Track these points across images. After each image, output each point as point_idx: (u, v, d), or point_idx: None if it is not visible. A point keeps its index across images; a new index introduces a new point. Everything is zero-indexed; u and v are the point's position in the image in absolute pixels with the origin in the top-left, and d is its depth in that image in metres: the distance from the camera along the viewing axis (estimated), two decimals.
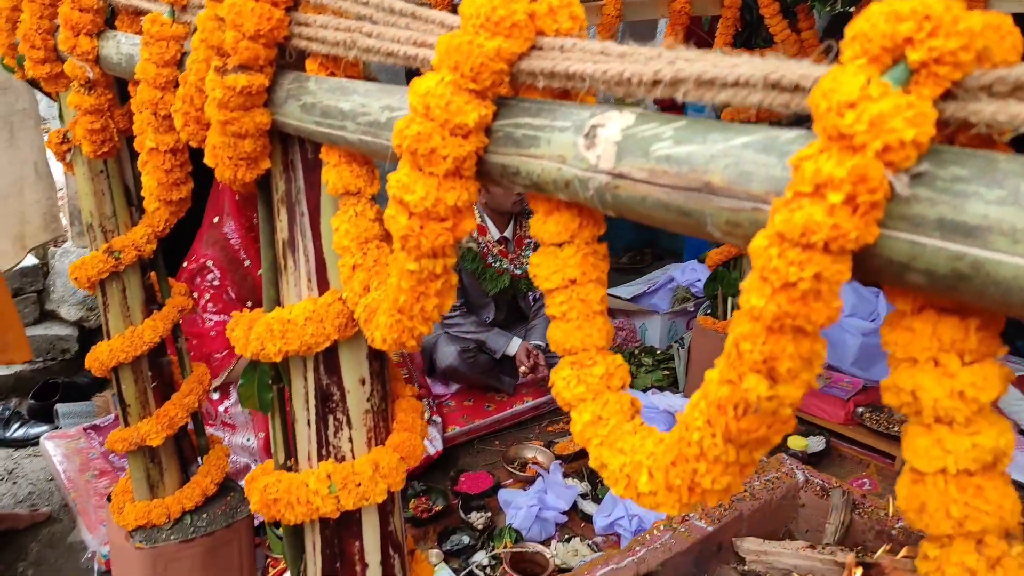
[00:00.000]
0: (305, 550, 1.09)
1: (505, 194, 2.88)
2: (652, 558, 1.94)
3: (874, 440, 2.71)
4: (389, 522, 1.07)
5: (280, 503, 1.01)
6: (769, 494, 2.20)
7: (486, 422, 2.89)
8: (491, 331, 3.01)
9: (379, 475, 1.01)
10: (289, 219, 0.99)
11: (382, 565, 1.07)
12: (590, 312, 0.72)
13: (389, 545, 1.08)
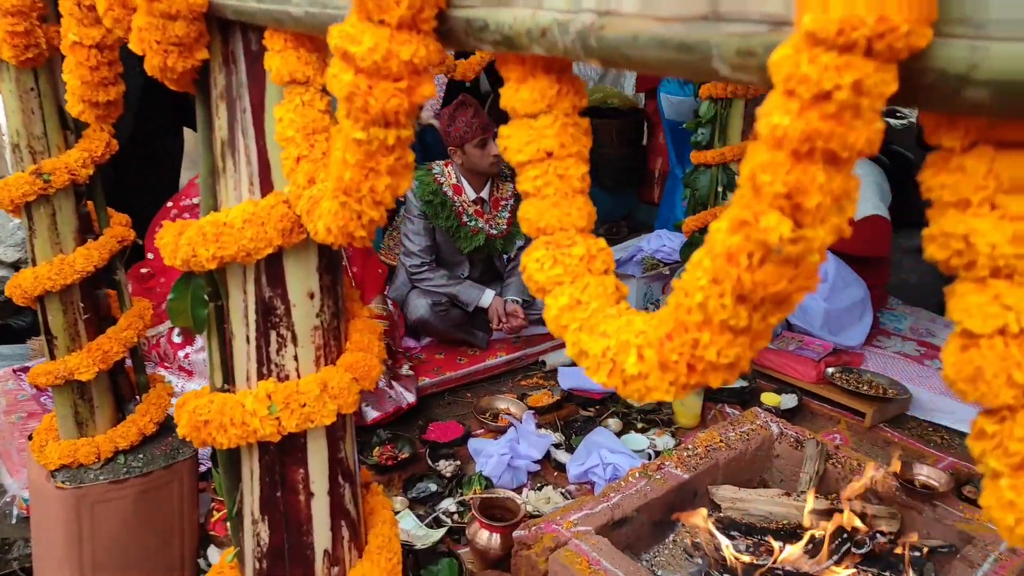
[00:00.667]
0: (242, 479, 1.02)
1: (481, 154, 2.85)
2: (627, 504, 1.92)
3: (844, 398, 2.74)
4: (339, 448, 1.02)
5: (211, 425, 0.94)
6: (744, 444, 2.20)
7: (458, 374, 2.85)
8: (463, 283, 2.97)
9: (328, 395, 0.94)
10: (229, 116, 0.91)
11: (330, 495, 1.01)
12: (569, 189, 0.67)
13: (339, 473, 1.02)
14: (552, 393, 2.72)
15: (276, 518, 0.99)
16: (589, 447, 2.28)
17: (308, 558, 1.01)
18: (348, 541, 1.04)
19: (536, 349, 3.06)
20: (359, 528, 1.07)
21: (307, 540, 0.99)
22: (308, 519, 0.99)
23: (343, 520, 1.03)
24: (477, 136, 2.83)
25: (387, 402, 2.61)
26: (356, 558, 1.04)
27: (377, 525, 1.05)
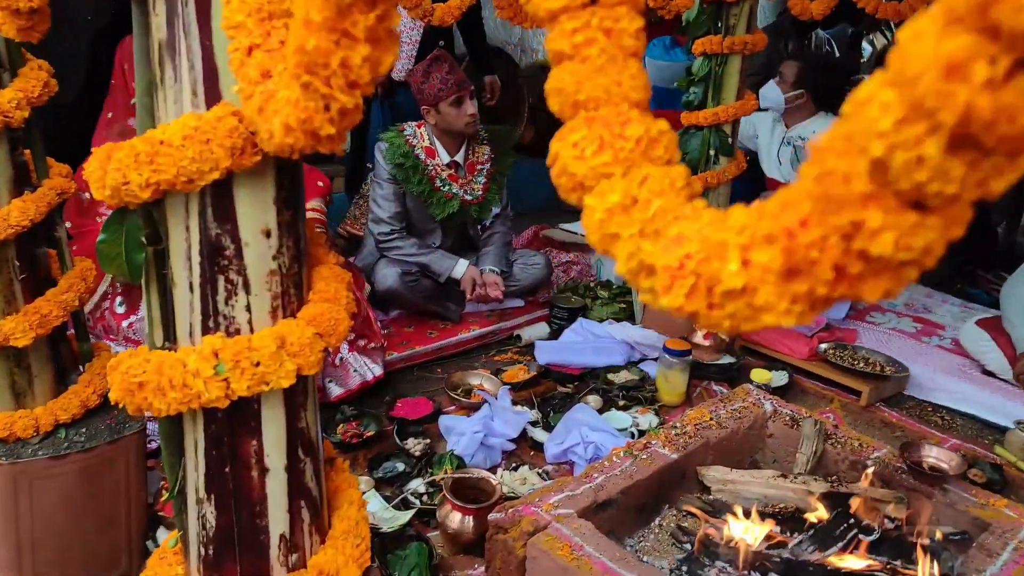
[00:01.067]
0: (185, 452, 0.87)
1: (457, 113, 2.68)
2: (611, 485, 1.78)
3: (839, 376, 2.62)
4: (299, 417, 0.86)
5: (147, 388, 0.78)
6: (736, 423, 2.06)
7: (428, 348, 2.68)
8: (435, 252, 2.80)
9: (286, 353, 0.78)
10: (168, 11, 0.74)
11: (288, 471, 0.85)
12: (619, 50, 0.50)
13: (298, 446, 0.86)
14: (528, 368, 2.56)
15: (224, 497, 0.84)
16: (569, 425, 2.13)
17: (262, 544, 0.86)
18: (309, 525, 0.90)
19: (511, 323, 2.90)
20: (321, 510, 0.92)
21: (261, 523, 0.84)
22: (262, 499, 0.84)
23: (303, 500, 0.89)
24: (452, 94, 2.65)
25: (351, 377, 2.44)
26: (318, 544, 0.89)
27: (343, 506, 0.90)
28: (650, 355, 2.64)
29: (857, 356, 2.69)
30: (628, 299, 2.98)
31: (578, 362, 2.55)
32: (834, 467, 1.98)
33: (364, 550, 0.85)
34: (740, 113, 2.63)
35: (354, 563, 0.84)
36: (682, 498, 1.92)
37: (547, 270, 2.99)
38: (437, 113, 2.71)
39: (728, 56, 2.61)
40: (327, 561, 0.84)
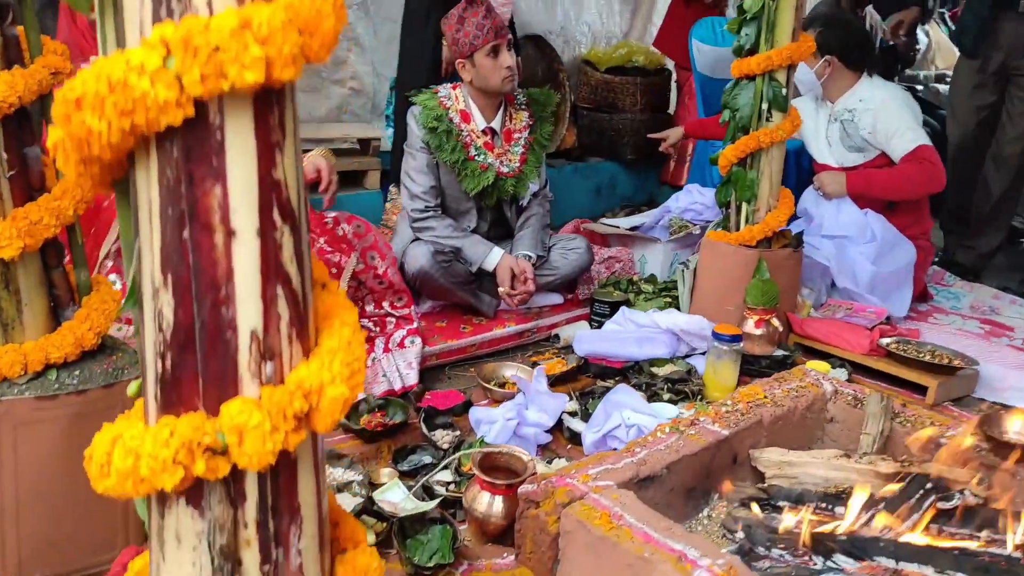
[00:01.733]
0: (140, 228, 0.73)
1: (493, 65, 2.58)
2: (655, 459, 1.66)
3: (902, 370, 2.45)
4: (274, 162, 0.70)
5: (85, 104, 0.65)
6: (793, 402, 1.93)
7: (460, 343, 2.59)
8: (470, 237, 2.71)
9: (251, 35, 0.64)
10: None
11: (261, 238, 0.70)
12: None
13: (273, 205, 0.70)
14: (566, 361, 2.45)
15: (183, 277, 0.70)
16: (608, 408, 2.01)
17: (228, 344, 0.71)
18: (288, 325, 0.74)
19: (549, 321, 2.80)
20: (305, 313, 0.77)
21: (227, 313, 0.70)
22: (228, 275, 0.69)
23: (280, 286, 0.73)
24: (489, 41, 2.55)
25: (378, 382, 2.35)
26: (300, 356, 0.76)
27: (334, 326, 0.77)
28: (698, 348, 2.51)
29: (923, 350, 2.52)
30: (674, 293, 2.86)
31: (620, 354, 2.44)
32: (903, 449, 1.82)
33: (356, 372, 0.74)
34: (796, 56, 2.43)
35: (343, 382, 0.72)
36: (735, 486, 1.78)
37: (588, 255, 2.87)
38: (472, 67, 2.61)
39: None
40: (310, 376, 0.72)
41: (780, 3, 2.46)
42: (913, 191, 2.91)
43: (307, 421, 0.76)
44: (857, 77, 3.01)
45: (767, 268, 2.51)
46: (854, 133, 2.98)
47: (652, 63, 4.42)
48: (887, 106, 2.90)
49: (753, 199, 2.63)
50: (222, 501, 0.77)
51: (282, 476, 0.79)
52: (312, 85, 3.72)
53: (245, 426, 0.72)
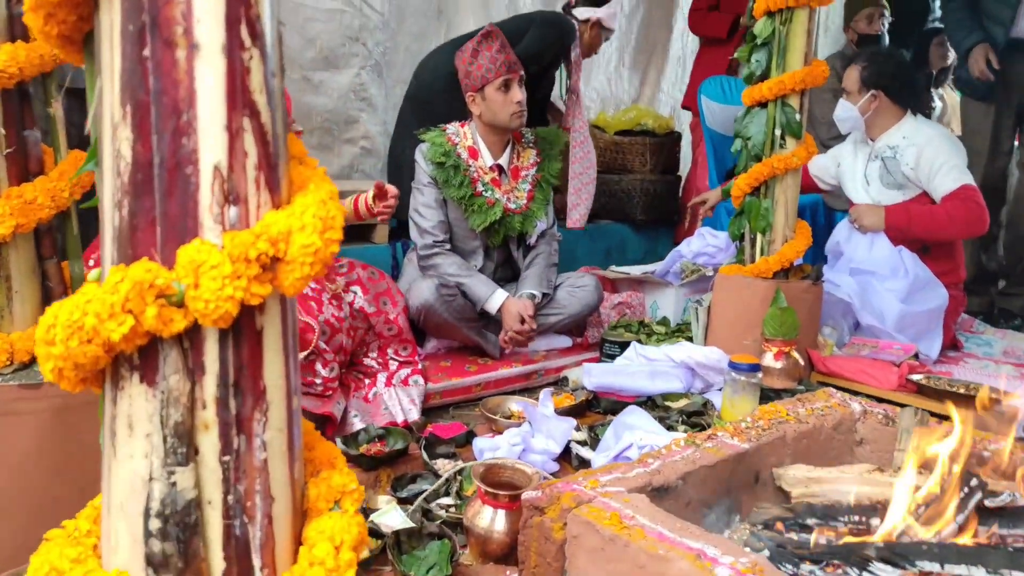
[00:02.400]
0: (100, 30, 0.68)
1: (504, 100, 2.60)
2: (669, 469, 1.55)
3: (937, 406, 2.33)
4: None
5: None
6: (819, 420, 1.82)
7: (465, 382, 2.51)
8: (474, 276, 2.67)
9: None
10: None
11: (227, 55, 0.66)
12: None
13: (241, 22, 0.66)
14: (575, 396, 2.36)
15: (142, 103, 0.65)
16: (619, 430, 1.91)
17: (188, 180, 0.65)
18: (256, 167, 0.68)
19: (557, 363, 2.72)
20: (276, 158, 0.70)
21: (187, 144, 0.64)
22: (190, 97, 0.64)
23: (248, 117, 0.67)
24: (501, 75, 2.58)
25: (380, 416, 2.28)
26: (268, 205, 0.69)
27: (309, 190, 0.70)
28: (714, 383, 2.41)
29: (956, 383, 2.41)
30: (687, 335, 2.78)
31: (632, 388, 2.34)
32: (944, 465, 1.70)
33: (330, 228, 0.67)
34: (809, 81, 2.42)
35: (315, 233, 0.65)
36: (756, 507, 1.66)
37: (597, 293, 2.81)
38: (483, 100, 2.63)
39: (794, 11, 2.41)
40: (278, 221, 0.65)
41: (791, 28, 2.47)
42: (955, 231, 2.83)
43: (274, 276, 0.69)
44: (902, 114, 2.96)
45: (784, 298, 2.44)
46: (895, 170, 2.91)
47: (661, 127, 4.48)
48: (932, 143, 2.84)
49: (768, 229, 2.58)
50: (178, 371, 0.69)
51: (246, 347, 0.71)
52: (324, 143, 3.80)
53: (202, 266, 0.65)
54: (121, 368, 0.69)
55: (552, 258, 2.83)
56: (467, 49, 2.66)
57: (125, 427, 0.70)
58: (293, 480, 0.76)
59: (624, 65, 5.07)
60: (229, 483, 0.71)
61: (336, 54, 3.67)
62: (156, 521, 0.68)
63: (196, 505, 0.69)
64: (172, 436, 0.68)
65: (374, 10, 3.75)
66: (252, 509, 0.71)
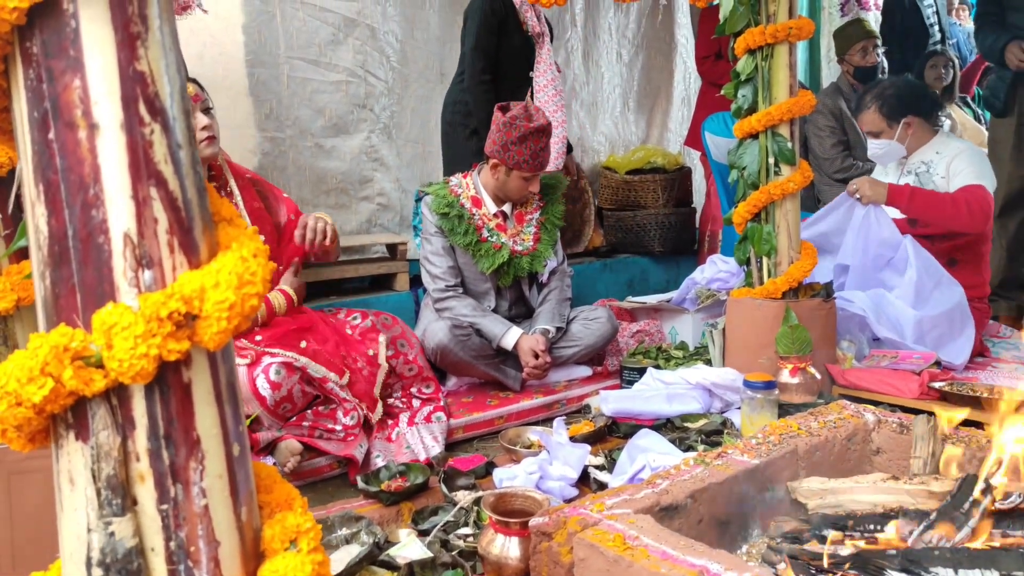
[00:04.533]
0: (14, 120, 0.72)
1: (520, 187, 2.65)
2: (678, 489, 1.50)
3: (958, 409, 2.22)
4: (134, 51, 0.68)
5: None
6: (831, 432, 1.75)
7: (487, 416, 2.48)
8: (488, 316, 2.67)
9: None
10: None
11: (126, 132, 0.68)
12: None
13: (137, 97, 0.68)
14: (594, 422, 2.31)
15: (52, 181, 0.67)
16: (633, 453, 1.87)
17: (101, 249, 0.67)
18: (168, 232, 0.69)
19: (579, 392, 2.68)
20: (189, 222, 0.71)
21: (96, 215, 0.66)
22: (95, 172, 0.65)
23: (155, 186, 0.68)
24: (534, 171, 2.62)
25: (402, 454, 2.26)
26: (184, 265, 0.70)
27: (231, 248, 0.70)
28: (733, 403, 2.35)
29: (979, 388, 2.30)
30: (706, 356, 2.72)
31: (649, 411, 2.29)
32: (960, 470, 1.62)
33: (249, 283, 0.66)
34: (796, 111, 2.43)
35: (231, 289, 0.64)
36: (775, 521, 1.59)
37: (611, 324, 2.78)
38: (505, 175, 2.65)
39: (774, 47, 2.44)
40: (192, 280, 0.65)
41: (773, 63, 2.49)
42: (956, 216, 2.74)
43: (193, 332, 0.70)
44: (934, 132, 2.97)
45: (795, 316, 2.38)
46: (927, 183, 2.89)
47: (670, 163, 4.48)
48: (962, 155, 2.85)
49: (773, 252, 2.54)
50: (107, 427, 0.70)
51: (174, 400, 0.72)
52: (341, 203, 3.87)
53: (114, 327, 0.66)
54: (60, 427, 0.71)
55: (565, 293, 2.82)
56: (515, 129, 2.58)
57: (67, 482, 0.71)
58: (241, 523, 0.76)
59: (629, 109, 5.10)
60: (170, 530, 0.71)
61: (345, 121, 3.76)
62: (98, 570, 0.69)
63: (138, 552, 0.69)
64: (106, 489, 0.69)
65: (378, 79, 3.84)
66: (197, 554, 0.71)
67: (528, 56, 3.37)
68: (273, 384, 2.10)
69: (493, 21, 3.30)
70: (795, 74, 2.51)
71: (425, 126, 4.11)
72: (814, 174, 2.87)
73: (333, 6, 3.66)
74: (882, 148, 2.95)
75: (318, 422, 2.20)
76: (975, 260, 2.87)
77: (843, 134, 4.00)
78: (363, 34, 3.77)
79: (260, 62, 3.47)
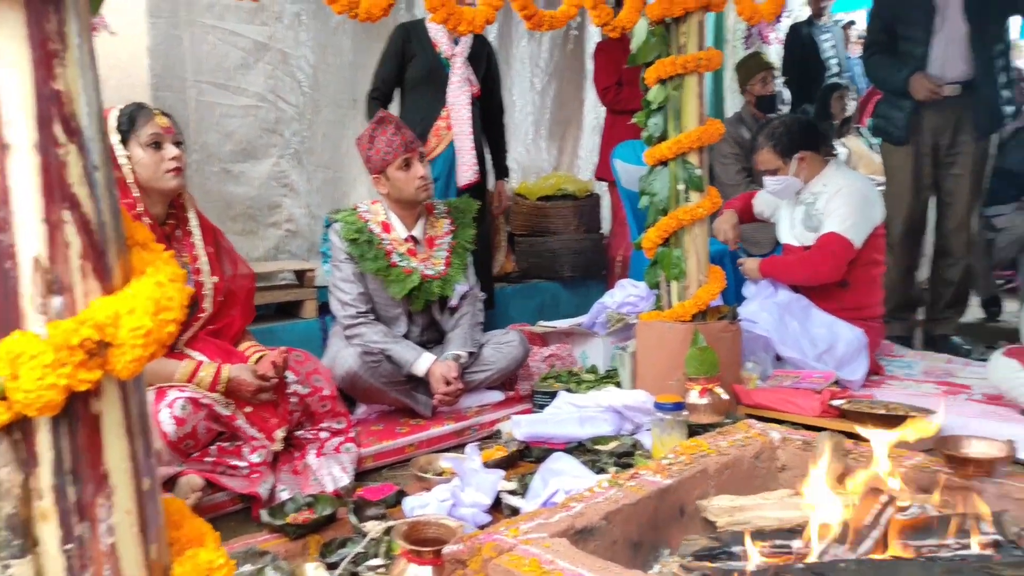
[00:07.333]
0: None
1: (406, 177, 2.60)
2: (592, 511, 1.49)
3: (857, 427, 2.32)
4: (50, 69, 0.64)
5: None
6: (739, 451, 1.78)
7: (397, 443, 2.41)
8: (399, 342, 2.61)
9: None
10: None
11: (40, 152, 0.64)
12: None
13: (52, 115, 0.65)
14: (507, 447, 2.28)
15: None
16: (546, 476, 1.85)
17: (7, 274, 0.63)
18: (81, 256, 0.66)
19: (491, 417, 2.64)
20: (104, 246, 0.68)
21: (3, 240, 0.62)
22: (3, 195, 0.62)
23: (68, 209, 0.65)
24: (400, 155, 2.59)
25: (309, 487, 2.16)
26: (99, 293, 0.65)
27: (147, 273, 0.66)
28: (643, 424, 2.37)
29: (876, 405, 2.41)
30: (616, 379, 2.75)
31: (562, 435, 2.28)
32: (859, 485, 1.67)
33: (166, 309, 0.62)
34: (706, 139, 2.51)
35: (147, 315, 0.60)
36: (685, 539, 1.60)
37: (523, 348, 2.77)
38: (387, 180, 2.63)
39: (684, 77, 2.52)
40: (105, 307, 0.60)
41: (683, 93, 2.58)
42: (805, 276, 2.96)
43: (105, 360, 0.65)
44: (824, 164, 3.09)
45: (703, 338, 2.43)
46: (813, 214, 3.01)
47: (581, 190, 4.56)
48: (841, 192, 2.96)
49: (682, 276, 2.60)
50: (8, 463, 0.65)
51: (82, 433, 0.67)
52: (248, 229, 3.74)
53: (21, 357, 0.61)
54: None
55: (477, 317, 2.79)
56: (364, 136, 2.66)
57: None
58: (150, 561, 0.70)
59: (541, 136, 5.17)
60: (73, 571, 0.66)
61: (254, 145, 3.65)
62: None
63: None
64: (5, 529, 0.64)
65: (289, 104, 3.76)
66: None
67: (441, 77, 3.38)
68: (178, 419, 1.98)
69: (399, 44, 3.39)
70: (704, 103, 2.60)
71: (336, 151, 4.03)
72: None
73: (244, 30, 3.56)
74: (779, 184, 3.08)
75: (222, 458, 2.09)
76: (867, 282, 3.02)
77: (746, 161, 4.16)
78: (274, 58, 3.69)
79: (166, 85, 3.33)
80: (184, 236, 2.29)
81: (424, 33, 3.36)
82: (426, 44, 3.37)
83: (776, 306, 2.91)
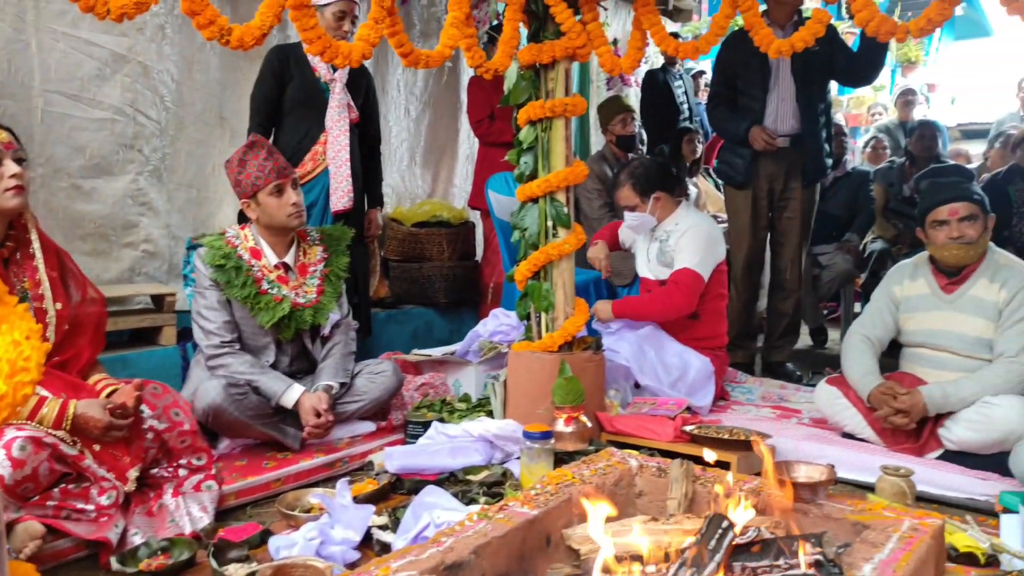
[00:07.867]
0: None
1: (278, 203, 2.55)
2: (462, 545, 1.51)
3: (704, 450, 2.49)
4: None
5: None
6: (601, 479, 1.87)
7: (263, 479, 2.34)
8: (267, 373, 2.54)
9: None
10: None
11: None
12: None
13: None
14: (378, 480, 2.27)
15: None
16: (418, 511, 1.86)
17: None
18: None
19: (363, 448, 2.62)
20: None
21: None
22: None
23: None
24: (271, 181, 2.53)
25: (165, 529, 2.05)
26: None
27: (1, 331, 0.63)
28: (513, 453, 2.43)
29: (723, 430, 2.59)
30: (488, 408, 2.80)
31: (434, 466, 2.30)
32: (706, 508, 1.80)
33: (21, 371, 0.60)
34: (572, 179, 2.64)
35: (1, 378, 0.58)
36: (550, 568, 1.66)
37: (396, 378, 2.77)
38: (257, 205, 2.56)
39: (552, 120, 2.65)
40: None
41: (551, 134, 2.72)
42: (657, 313, 3.16)
43: None
44: (677, 204, 3.33)
45: (570, 368, 2.53)
46: (666, 251, 3.24)
47: (455, 217, 4.61)
48: (690, 231, 3.19)
49: (550, 308, 2.70)
50: None
51: None
52: (100, 249, 3.50)
53: None
54: None
55: (349, 347, 2.76)
56: (234, 160, 2.60)
57: None
58: None
59: (416, 163, 5.19)
60: None
61: (109, 161, 3.44)
62: None
63: None
64: None
65: (149, 119, 3.58)
66: None
67: (320, 101, 3.33)
68: (15, 461, 1.82)
69: (275, 65, 3.32)
70: (571, 145, 2.74)
71: (202, 170, 3.87)
72: None
73: (100, 40, 3.36)
74: (637, 220, 3.30)
75: (66, 501, 1.94)
76: (714, 315, 3.26)
77: (608, 196, 4.36)
78: (134, 71, 3.50)
79: (9, 94, 3.09)
80: (24, 259, 2.14)
81: (302, 56, 3.30)
82: (304, 67, 3.31)
83: (636, 336, 3.08)
